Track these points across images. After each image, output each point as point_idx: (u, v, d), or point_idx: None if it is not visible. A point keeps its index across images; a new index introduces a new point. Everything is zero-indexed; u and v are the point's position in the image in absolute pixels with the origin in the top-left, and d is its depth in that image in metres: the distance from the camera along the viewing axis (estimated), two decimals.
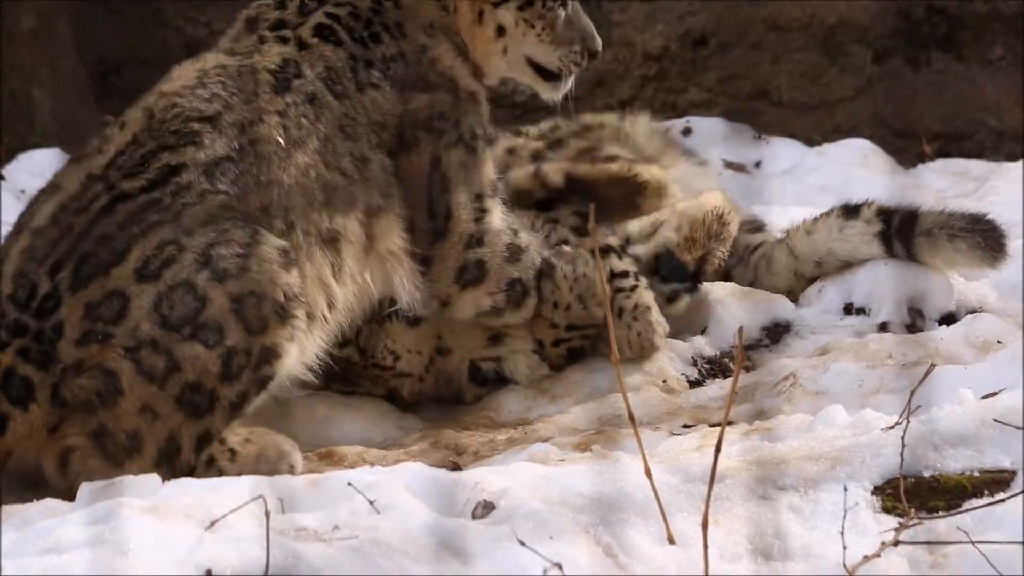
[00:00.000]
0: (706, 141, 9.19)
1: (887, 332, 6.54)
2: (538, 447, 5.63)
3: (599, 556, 4.30)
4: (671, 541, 4.36)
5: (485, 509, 4.49)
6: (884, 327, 6.62)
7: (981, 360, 5.93)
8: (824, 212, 7.01)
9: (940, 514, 4.47)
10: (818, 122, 9.52)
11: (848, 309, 6.77)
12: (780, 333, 6.71)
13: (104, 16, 9.82)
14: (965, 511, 4.45)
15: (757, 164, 9.21)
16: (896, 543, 4.35)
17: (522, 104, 9.14)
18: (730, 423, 5.49)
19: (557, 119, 7.40)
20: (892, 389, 5.87)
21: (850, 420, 5.15)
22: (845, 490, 4.52)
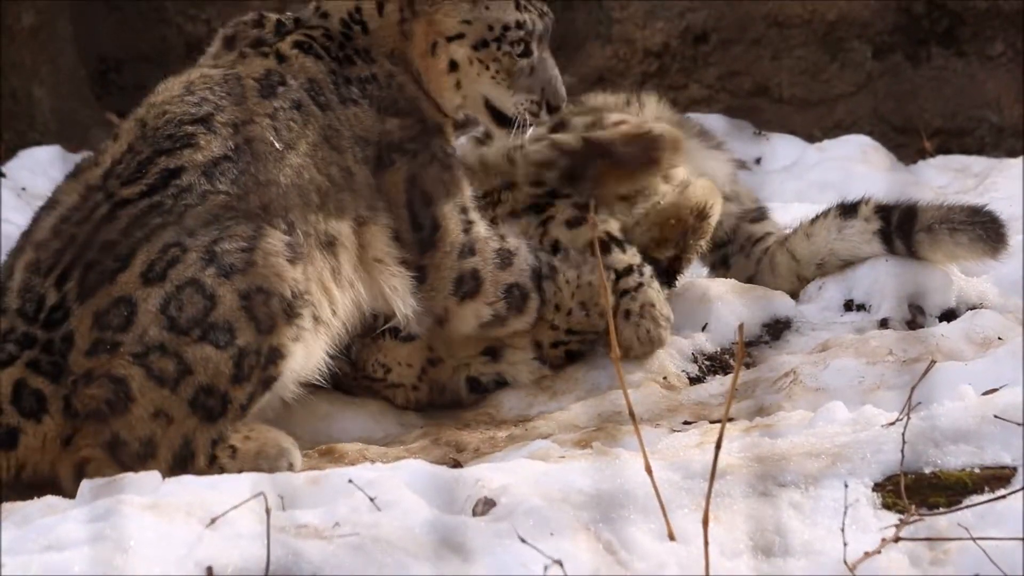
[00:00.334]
0: None
1: (887, 328, 6.53)
2: (538, 444, 5.63)
3: (600, 553, 4.30)
4: (672, 538, 4.36)
5: (486, 506, 4.48)
6: (884, 323, 6.62)
7: (982, 356, 5.92)
8: (821, 212, 6.98)
9: (941, 510, 4.47)
10: (818, 118, 9.52)
11: (848, 305, 6.76)
12: (780, 329, 6.70)
13: (104, 14, 9.82)
14: (966, 507, 4.45)
15: (757, 160, 9.21)
16: (897, 539, 4.35)
17: None
18: (731, 419, 5.49)
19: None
20: (892, 385, 5.86)
21: (851, 416, 5.15)
22: (846, 486, 4.52)
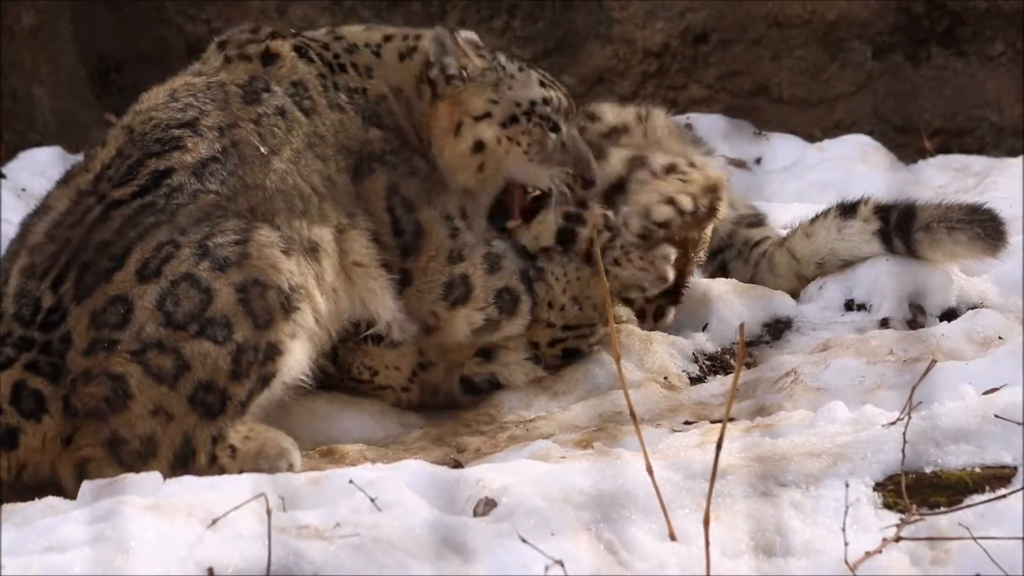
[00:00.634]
0: (707, 137, 9.14)
1: (888, 328, 6.54)
2: (539, 444, 5.63)
3: (601, 553, 4.30)
4: (672, 538, 4.36)
5: (486, 506, 4.48)
6: (885, 323, 6.62)
7: (982, 356, 5.92)
8: (821, 212, 6.98)
9: (941, 510, 4.47)
10: (818, 118, 9.52)
11: (849, 305, 6.77)
12: (781, 329, 6.71)
13: (104, 14, 9.82)
14: (966, 507, 4.45)
15: (758, 160, 9.21)
16: (897, 539, 4.35)
17: None
18: (732, 419, 5.49)
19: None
20: (893, 385, 5.86)
21: (851, 416, 5.15)
22: (846, 486, 4.52)
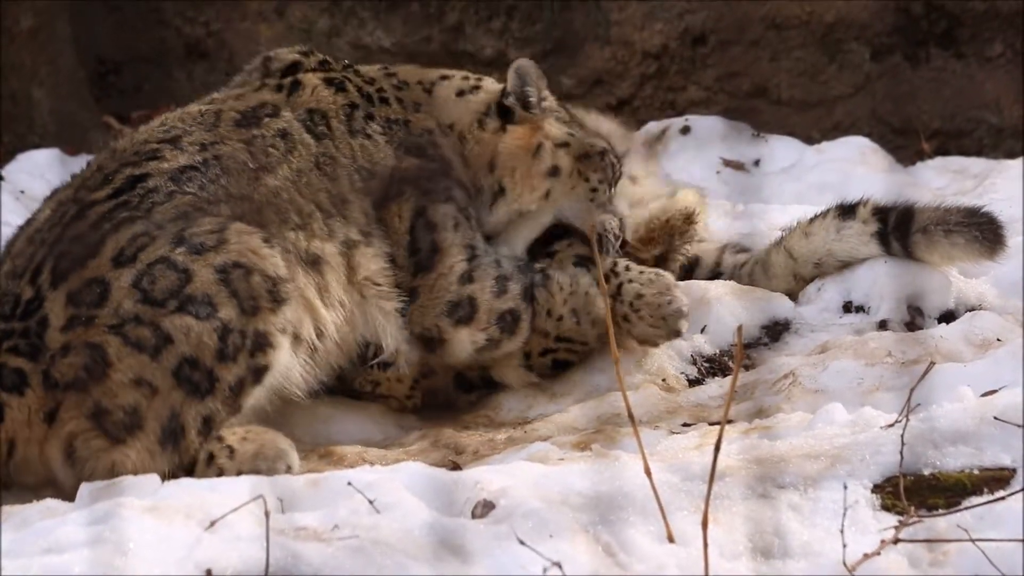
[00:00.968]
0: (705, 139, 9.18)
1: (886, 330, 6.53)
2: (537, 446, 5.63)
3: (599, 555, 4.30)
4: (671, 540, 4.36)
5: (485, 508, 4.48)
6: (883, 325, 6.61)
7: (981, 358, 5.92)
8: (820, 212, 6.98)
9: (940, 512, 4.47)
10: (817, 120, 9.51)
11: (847, 307, 6.76)
12: (779, 331, 6.70)
13: (103, 15, 9.82)
14: (965, 509, 4.45)
15: (756, 162, 9.20)
16: (896, 541, 4.35)
17: None
18: (730, 421, 5.49)
19: None
20: (891, 387, 5.86)
21: (849, 418, 5.15)
22: (845, 488, 4.52)
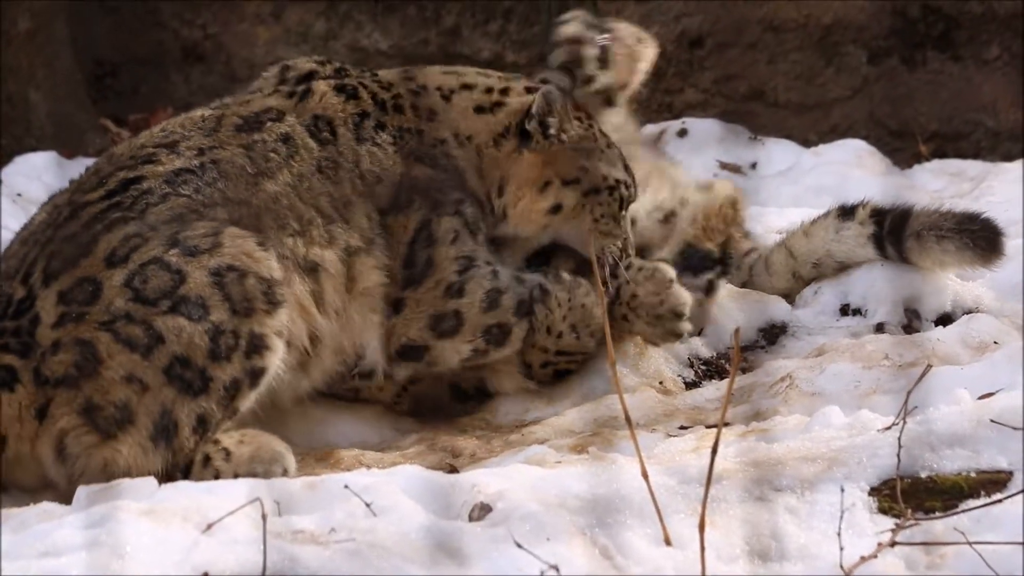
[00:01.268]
0: (702, 142, 9.19)
1: (883, 333, 6.53)
2: (535, 449, 5.63)
3: (596, 558, 4.30)
4: (668, 543, 4.36)
5: (482, 511, 4.48)
6: (880, 328, 6.61)
7: (977, 360, 5.92)
8: (823, 213, 6.99)
9: (937, 515, 4.47)
10: (814, 123, 9.52)
11: (844, 310, 6.76)
12: (776, 334, 6.70)
13: (101, 18, 9.82)
14: (962, 512, 4.45)
15: (753, 165, 9.21)
16: (893, 544, 4.35)
17: None
18: (727, 424, 5.49)
19: None
20: (888, 390, 5.86)
21: (846, 421, 5.15)
22: (842, 491, 4.52)
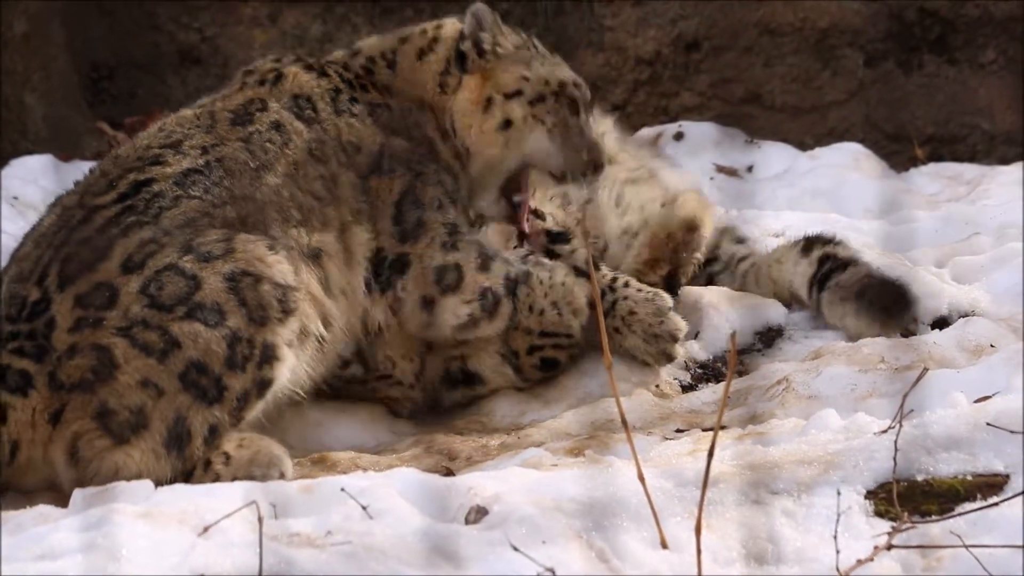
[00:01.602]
0: (698, 145, 9.19)
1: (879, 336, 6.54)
2: (531, 452, 5.63)
3: (592, 561, 4.30)
4: (664, 546, 4.36)
5: (478, 514, 4.48)
6: None
7: (974, 364, 5.92)
8: (794, 240, 6.97)
9: (933, 518, 4.47)
10: (810, 126, 9.53)
11: None
12: (773, 337, 6.71)
13: (97, 20, 9.81)
14: (958, 515, 4.45)
15: (749, 168, 9.21)
16: (889, 547, 4.35)
17: None
18: (723, 427, 5.50)
19: None
20: (885, 393, 5.86)
21: (843, 424, 5.15)
22: (838, 494, 4.52)
